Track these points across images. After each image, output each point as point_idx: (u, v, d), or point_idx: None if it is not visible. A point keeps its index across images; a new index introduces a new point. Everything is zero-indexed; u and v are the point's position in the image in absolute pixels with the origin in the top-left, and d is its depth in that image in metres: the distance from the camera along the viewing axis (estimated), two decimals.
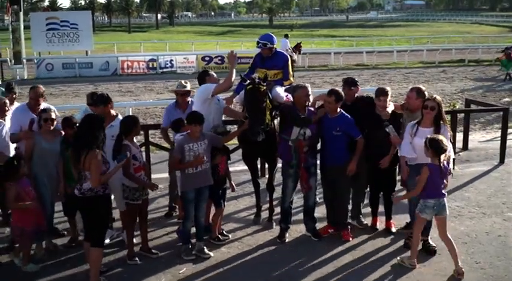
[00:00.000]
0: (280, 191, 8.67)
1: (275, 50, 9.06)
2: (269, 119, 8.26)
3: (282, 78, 8.99)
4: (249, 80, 8.12)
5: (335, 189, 8.41)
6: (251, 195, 9.89)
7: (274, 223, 8.87)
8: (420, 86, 8.42)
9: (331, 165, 8.28)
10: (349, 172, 8.14)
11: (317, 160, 8.46)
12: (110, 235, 8.23)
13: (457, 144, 12.82)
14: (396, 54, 40.36)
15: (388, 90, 8.37)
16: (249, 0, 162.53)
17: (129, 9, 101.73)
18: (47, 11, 39.25)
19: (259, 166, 10.22)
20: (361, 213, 8.91)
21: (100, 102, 8.24)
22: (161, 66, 35.35)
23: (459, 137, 13.30)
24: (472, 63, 38.26)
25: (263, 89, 8.06)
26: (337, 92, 8.13)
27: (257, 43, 8.96)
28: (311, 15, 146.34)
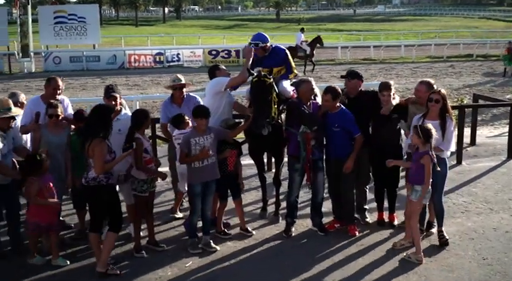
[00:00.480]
0: (286, 186, 8.66)
1: (271, 47, 8.99)
2: (275, 112, 8.25)
3: (286, 73, 8.97)
4: (255, 73, 8.12)
5: (340, 184, 8.41)
6: (257, 189, 9.89)
7: (281, 217, 8.86)
8: (429, 79, 8.41)
9: (334, 159, 8.28)
10: (346, 170, 8.13)
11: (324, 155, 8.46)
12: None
13: (465, 139, 12.78)
14: (404, 49, 40.22)
15: (391, 84, 8.35)
16: None
17: (136, 3, 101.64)
18: (54, 5, 39.16)
19: (265, 160, 10.22)
20: (365, 208, 8.91)
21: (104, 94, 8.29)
22: (168, 60, 35.39)
23: (467, 132, 13.24)
24: (480, 58, 38.12)
25: (269, 82, 8.06)
26: (334, 90, 8.08)
27: (249, 44, 8.91)
28: (318, 9, 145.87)
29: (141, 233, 7.93)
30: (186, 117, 8.28)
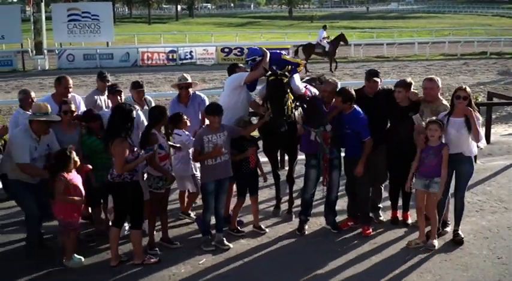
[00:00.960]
0: (300, 184, 8.65)
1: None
2: (291, 110, 8.24)
3: (293, 69, 8.85)
4: (271, 71, 8.12)
5: (354, 183, 8.39)
6: (271, 187, 9.88)
7: (294, 215, 8.86)
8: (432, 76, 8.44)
9: (349, 158, 8.28)
10: (357, 174, 8.13)
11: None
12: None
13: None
14: (417, 46, 40.01)
15: (409, 82, 8.31)
16: None
17: (149, 1, 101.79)
18: (68, 2, 39.29)
19: (279, 158, 10.21)
20: (379, 207, 8.89)
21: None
22: (181, 57, 35.36)
23: (481, 130, 13.13)
24: (493, 56, 37.85)
25: (286, 81, 8.07)
26: (346, 92, 8.06)
27: (246, 62, 8.94)
28: (331, 7, 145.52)
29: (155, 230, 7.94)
30: (185, 117, 8.32)
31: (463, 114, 7.60)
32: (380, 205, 8.89)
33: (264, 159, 9.50)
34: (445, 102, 8.17)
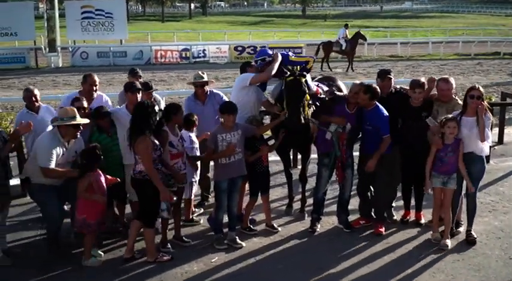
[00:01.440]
0: (312, 183, 8.66)
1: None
2: (306, 109, 8.26)
3: (303, 68, 8.75)
4: (289, 71, 8.15)
5: (371, 181, 8.39)
6: (283, 186, 9.90)
7: (306, 214, 8.88)
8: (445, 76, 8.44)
9: (366, 156, 8.24)
10: (368, 169, 8.13)
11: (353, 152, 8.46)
12: None
13: (493, 138, 12.61)
14: (431, 46, 39.82)
15: (424, 82, 8.30)
16: None
17: None
18: (81, 0, 39.39)
19: (291, 157, 10.23)
20: (392, 206, 8.87)
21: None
22: (194, 55, 35.38)
23: (494, 131, 13.09)
24: (507, 56, 37.58)
25: (304, 80, 8.15)
26: (374, 90, 8.03)
27: (256, 62, 8.93)
28: (344, 6, 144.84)
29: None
30: (195, 117, 8.33)
31: (475, 113, 7.60)
32: (393, 205, 8.88)
33: (276, 158, 9.53)
34: (460, 102, 8.15)
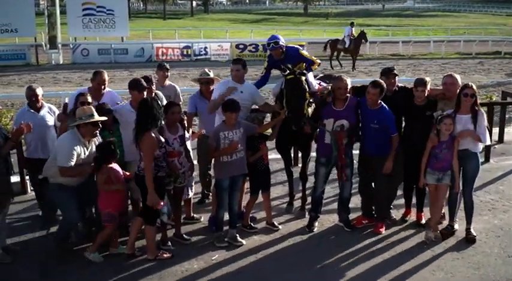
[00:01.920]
0: (313, 181, 8.68)
1: (284, 49, 8.95)
2: (306, 107, 8.29)
3: (308, 66, 8.76)
4: (288, 70, 8.15)
5: (372, 180, 8.41)
6: (284, 184, 9.92)
7: (307, 212, 8.88)
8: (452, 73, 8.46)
9: (369, 155, 8.22)
10: (386, 170, 8.08)
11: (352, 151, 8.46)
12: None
13: (493, 136, 12.65)
14: (433, 45, 39.79)
15: (428, 80, 8.30)
16: None
17: None
18: None
19: (292, 155, 10.24)
20: (391, 206, 8.88)
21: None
22: (195, 53, 35.40)
23: (495, 129, 13.12)
24: (508, 56, 37.54)
25: (305, 78, 8.15)
26: (383, 85, 8.00)
27: (268, 45, 8.93)
28: (346, 4, 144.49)
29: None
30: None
31: (469, 111, 7.67)
32: (392, 206, 8.88)
33: (276, 156, 9.55)
34: None
